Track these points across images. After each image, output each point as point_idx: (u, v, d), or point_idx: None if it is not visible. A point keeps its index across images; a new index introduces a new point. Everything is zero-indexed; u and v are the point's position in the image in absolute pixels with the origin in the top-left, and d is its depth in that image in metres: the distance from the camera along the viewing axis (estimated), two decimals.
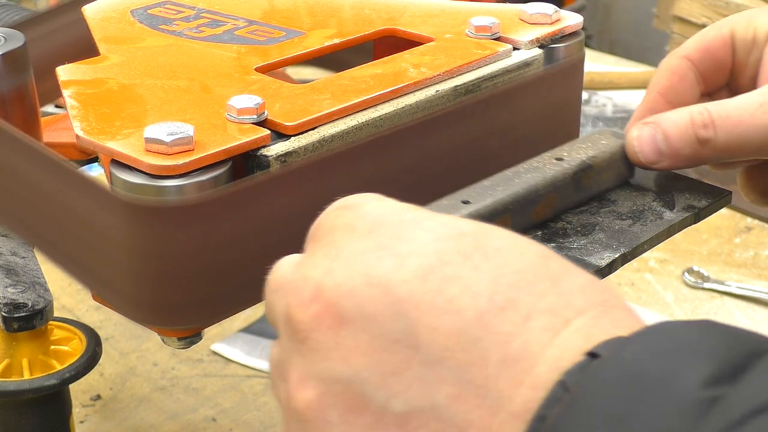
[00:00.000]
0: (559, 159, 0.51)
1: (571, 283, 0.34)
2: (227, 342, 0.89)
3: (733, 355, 0.30)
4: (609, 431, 0.29)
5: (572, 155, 0.52)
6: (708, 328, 0.32)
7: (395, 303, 0.34)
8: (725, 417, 0.28)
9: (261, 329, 0.91)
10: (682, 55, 0.56)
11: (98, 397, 0.84)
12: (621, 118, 1.25)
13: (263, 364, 0.87)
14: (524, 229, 0.49)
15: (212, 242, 0.45)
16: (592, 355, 0.32)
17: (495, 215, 0.48)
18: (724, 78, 0.57)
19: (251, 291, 0.47)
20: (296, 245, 0.47)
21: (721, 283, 0.97)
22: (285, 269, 0.38)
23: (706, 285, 0.97)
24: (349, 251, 0.35)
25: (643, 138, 0.52)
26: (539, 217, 0.50)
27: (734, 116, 0.50)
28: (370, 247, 0.35)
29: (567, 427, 0.30)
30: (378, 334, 0.34)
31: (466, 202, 0.47)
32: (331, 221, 0.37)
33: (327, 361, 0.34)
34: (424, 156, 0.52)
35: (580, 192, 0.52)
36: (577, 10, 1.59)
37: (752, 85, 0.55)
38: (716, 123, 0.51)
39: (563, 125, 0.60)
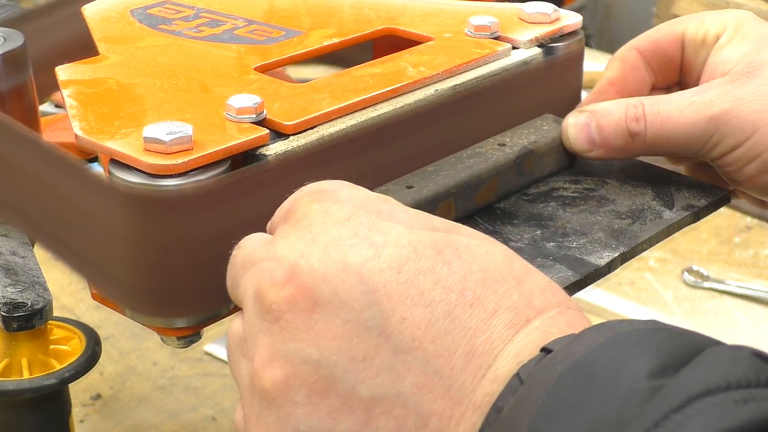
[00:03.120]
0: (502, 144, 0.53)
1: (532, 284, 0.36)
2: (220, 343, 0.89)
3: (677, 349, 0.32)
4: (560, 419, 0.31)
5: (514, 140, 0.54)
6: (653, 326, 0.33)
7: (369, 292, 0.35)
8: (668, 402, 0.29)
9: None
10: (633, 46, 0.58)
11: (98, 396, 0.84)
12: None
13: None
14: (469, 212, 0.51)
15: (210, 238, 0.45)
16: (547, 350, 0.33)
17: (438, 199, 0.49)
18: (675, 75, 0.58)
19: None
20: None
21: (721, 282, 0.97)
22: (254, 246, 0.38)
23: (706, 284, 0.97)
24: (325, 237, 0.36)
25: (578, 126, 0.54)
26: (482, 201, 0.51)
27: (664, 112, 0.52)
28: (346, 235, 0.36)
29: (519, 416, 0.32)
30: (350, 320, 0.35)
31: (410, 187, 0.49)
32: (306, 205, 0.38)
33: (297, 343, 0.35)
34: (420, 151, 0.52)
35: (522, 176, 0.53)
36: (577, 10, 1.59)
37: (698, 84, 0.56)
38: (647, 118, 0.52)
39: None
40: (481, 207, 0.51)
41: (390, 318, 0.34)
